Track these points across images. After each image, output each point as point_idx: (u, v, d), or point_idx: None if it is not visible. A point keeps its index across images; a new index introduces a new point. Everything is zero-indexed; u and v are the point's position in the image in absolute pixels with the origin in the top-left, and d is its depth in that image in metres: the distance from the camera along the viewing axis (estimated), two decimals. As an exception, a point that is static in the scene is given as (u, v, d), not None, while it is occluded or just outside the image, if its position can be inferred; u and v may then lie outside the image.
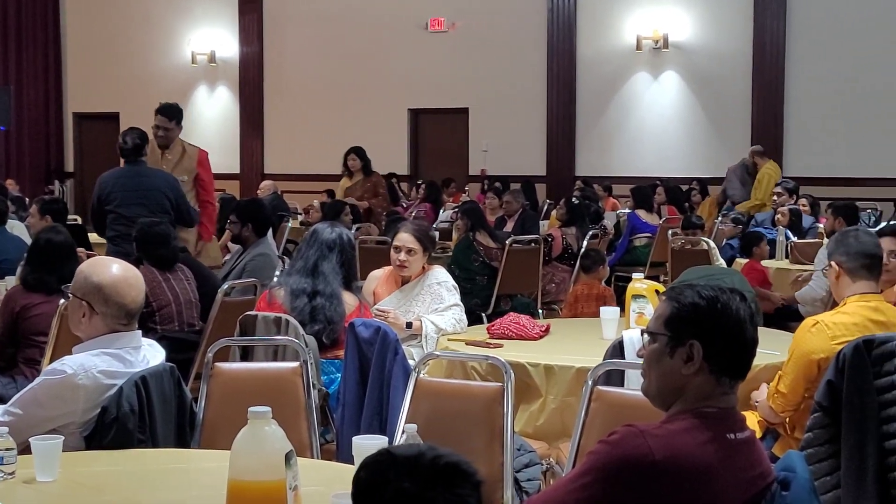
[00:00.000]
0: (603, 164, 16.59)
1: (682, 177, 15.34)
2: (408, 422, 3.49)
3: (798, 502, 2.30)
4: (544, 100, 17.02)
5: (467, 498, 1.86)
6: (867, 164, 14.94)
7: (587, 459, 2.36)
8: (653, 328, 2.49)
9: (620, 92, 16.72)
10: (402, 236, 5.42)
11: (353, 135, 17.95)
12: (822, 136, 15.29)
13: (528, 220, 10.48)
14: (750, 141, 15.43)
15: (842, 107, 15.16)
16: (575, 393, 4.23)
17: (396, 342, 4.35)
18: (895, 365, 3.84)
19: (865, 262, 4.18)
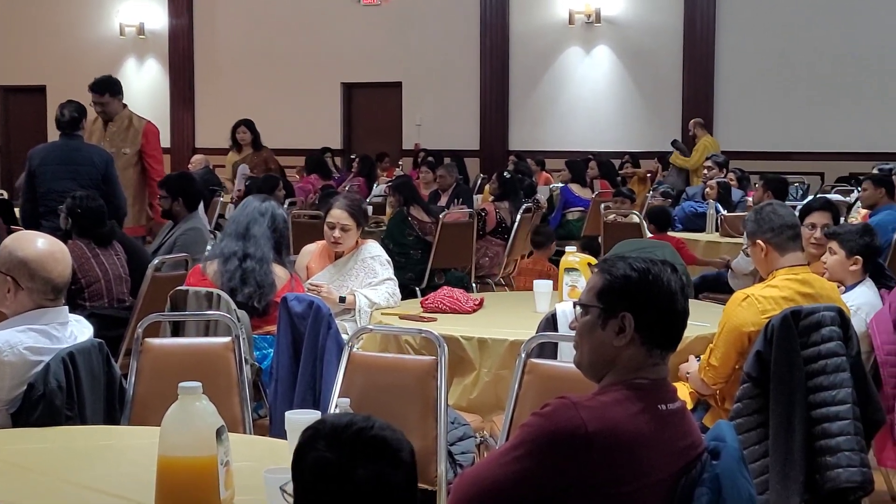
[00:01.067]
0: (536, 139, 16.64)
1: (614, 151, 15.44)
2: (341, 396, 3.48)
3: (727, 471, 2.32)
4: (477, 74, 17.01)
5: (388, 475, 1.85)
6: (795, 139, 15.15)
7: (520, 432, 2.36)
8: (585, 300, 2.50)
9: (553, 66, 16.76)
10: (335, 213, 5.39)
11: (285, 108, 17.85)
12: (752, 110, 15.47)
13: (463, 195, 10.48)
14: (681, 115, 15.58)
15: (771, 81, 15.34)
16: (508, 366, 4.24)
17: (329, 316, 4.33)
18: (822, 335, 3.91)
19: (790, 233, 4.23)
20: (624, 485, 2.29)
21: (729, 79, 15.66)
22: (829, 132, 15.00)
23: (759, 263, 4.36)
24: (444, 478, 3.46)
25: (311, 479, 1.85)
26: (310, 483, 1.86)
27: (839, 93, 14.99)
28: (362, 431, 1.86)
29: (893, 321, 4.59)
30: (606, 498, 2.28)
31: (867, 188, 8.31)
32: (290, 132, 17.67)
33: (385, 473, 1.84)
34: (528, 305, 5.17)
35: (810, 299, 4.14)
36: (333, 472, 1.83)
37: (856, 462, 3.78)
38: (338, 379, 3.63)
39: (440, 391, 3.52)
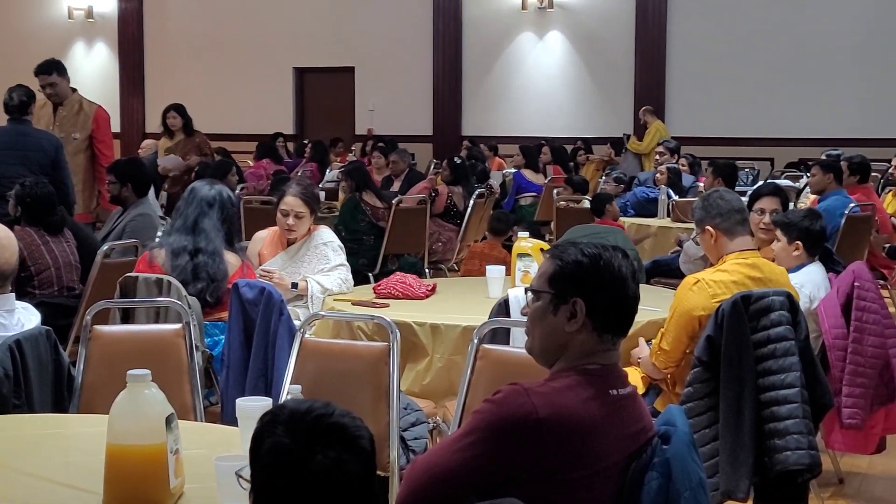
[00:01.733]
0: (489, 124, 16.66)
1: (567, 136, 15.49)
2: (293, 383, 3.46)
3: (678, 455, 2.33)
4: (430, 59, 16.99)
5: (347, 462, 1.84)
6: (746, 125, 15.28)
7: (472, 418, 2.36)
8: (536, 286, 2.50)
9: (506, 52, 16.77)
10: (289, 200, 5.34)
11: (236, 93, 17.74)
12: (703, 96, 15.58)
13: (415, 180, 10.46)
14: (633, 101, 15.66)
15: (722, 68, 15.45)
16: (461, 351, 4.25)
17: (281, 303, 4.31)
18: (771, 320, 3.95)
19: (738, 217, 4.28)
20: (575, 470, 2.29)
21: (680, 65, 15.76)
22: (778, 118, 15.14)
23: (708, 250, 4.39)
24: (397, 464, 3.46)
25: (269, 464, 1.84)
26: (268, 468, 1.84)
27: (789, 79, 15.13)
28: (322, 418, 1.85)
29: (841, 305, 4.65)
30: (558, 483, 2.29)
31: (816, 174, 8.39)
32: (242, 117, 17.57)
33: (344, 460, 1.83)
34: (481, 291, 5.18)
35: (760, 283, 4.18)
36: (292, 458, 1.82)
37: (804, 445, 3.82)
38: (289, 365, 3.62)
39: (392, 377, 3.52)
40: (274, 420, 1.87)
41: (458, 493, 2.29)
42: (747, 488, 3.85)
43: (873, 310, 4.64)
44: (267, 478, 1.84)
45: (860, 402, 4.53)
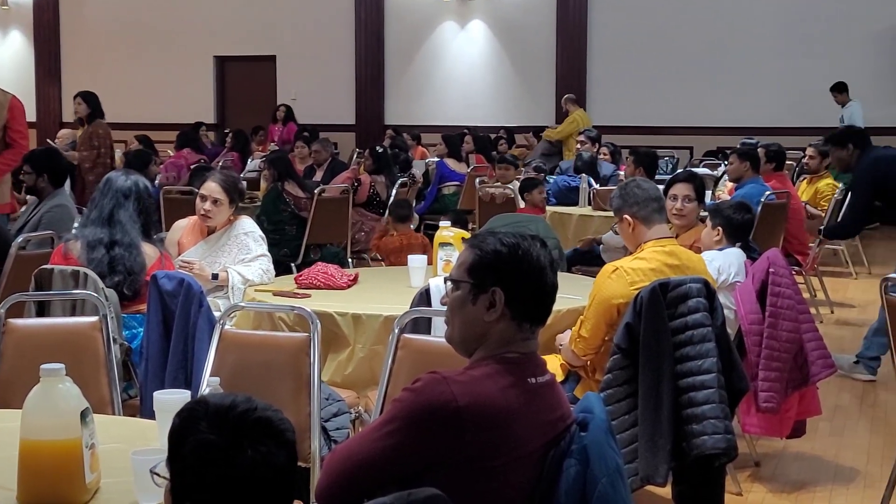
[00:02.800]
0: (412, 113, 16.65)
1: (489, 125, 15.54)
2: (213, 375, 3.43)
3: (595, 442, 2.36)
4: (353, 48, 16.93)
5: (273, 457, 1.83)
6: (666, 113, 15.47)
7: (391, 407, 2.36)
8: (455, 276, 2.51)
9: (428, 40, 16.77)
10: (208, 185, 5.32)
11: (156, 82, 17.51)
12: (624, 85, 15.73)
13: (338, 169, 10.42)
14: (555, 89, 15.75)
15: (642, 57, 15.61)
16: (383, 341, 4.24)
17: (201, 294, 4.26)
18: (688, 307, 4.00)
19: (655, 206, 4.34)
20: (494, 458, 2.31)
21: (601, 54, 15.89)
22: (697, 107, 15.34)
23: (626, 238, 4.45)
24: (318, 454, 3.45)
25: (194, 462, 1.81)
26: (193, 467, 1.82)
27: (708, 69, 15.33)
28: (247, 413, 1.84)
29: (757, 291, 4.73)
30: (477, 472, 2.30)
31: (733, 162, 8.52)
32: (162, 106, 17.36)
33: (272, 454, 1.82)
34: (403, 280, 5.18)
35: (677, 270, 4.23)
36: (219, 455, 1.80)
37: (720, 429, 3.88)
38: (209, 358, 3.59)
39: (313, 368, 3.51)
40: (194, 416, 1.85)
41: (377, 481, 2.29)
42: (666, 473, 3.90)
43: (787, 295, 4.73)
44: (192, 475, 1.82)
45: (775, 387, 4.62)
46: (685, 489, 4.12)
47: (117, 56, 17.67)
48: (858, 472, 5.09)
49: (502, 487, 2.34)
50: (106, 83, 17.35)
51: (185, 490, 1.83)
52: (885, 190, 6.70)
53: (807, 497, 4.77)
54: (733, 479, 4.71)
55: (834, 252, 10.68)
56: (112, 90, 17.64)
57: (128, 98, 17.53)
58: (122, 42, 17.67)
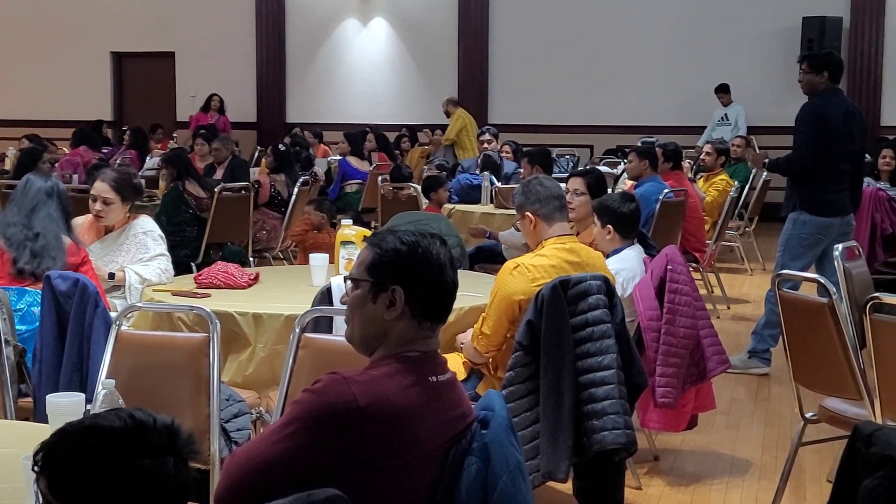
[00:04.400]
0: (314, 111, 16.56)
1: (391, 124, 15.52)
2: (109, 377, 3.37)
3: (496, 440, 2.37)
4: (254, 45, 16.78)
5: (191, 456, 1.84)
6: (567, 113, 15.61)
7: (291, 409, 2.34)
8: (355, 275, 2.49)
9: (330, 38, 16.69)
10: (97, 185, 5.24)
11: (50, 78, 17.14)
12: (525, 84, 15.84)
13: (238, 168, 10.31)
14: (457, 88, 15.80)
15: (543, 56, 15.74)
16: (284, 341, 4.20)
17: (97, 294, 4.18)
18: (589, 304, 4.05)
19: (556, 203, 4.38)
20: (396, 458, 2.30)
21: (503, 53, 15.98)
22: (597, 106, 15.52)
23: (528, 235, 4.48)
24: (218, 456, 3.41)
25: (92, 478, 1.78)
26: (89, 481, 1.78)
27: (607, 69, 15.52)
28: (155, 422, 1.82)
29: (655, 288, 4.80)
30: (379, 471, 2.30)
31: (632, 160, 8.64)
32: (58, 103, 17.00)
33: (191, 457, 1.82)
34: (305, 279, 5.15)
35: (577, 268, 4.28)
36: (151, 475, 1.78)
37: (620, 424, 3.94)
38: (105, 359, 3.52)
39: (213, 368, 3.46)
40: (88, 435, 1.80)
41: (278, 483, 2.27)
42: (567, 469, 3.94)
43: (685, 292, 4.81)
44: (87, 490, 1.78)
45: (673, 382, 4.70)
46: (586, 484, 4.17)
47: (10, 51, 17.25)
48: (753, 464, 5.20)
49: (404, 487, 2.33)
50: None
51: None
52: (822, 135, 6.51)
53: (704, 489, 4.86)
54: (633, 473, 4.77)
55: (730, 249, 10.90)
56: (5, 87, 17.25)
57: (22, 95, 17.12)
58: (15, 36, 17.25)
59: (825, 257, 6.48)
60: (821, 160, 6.52)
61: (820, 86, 6.63)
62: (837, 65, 6.73)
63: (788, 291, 4.55)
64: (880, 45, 14.80)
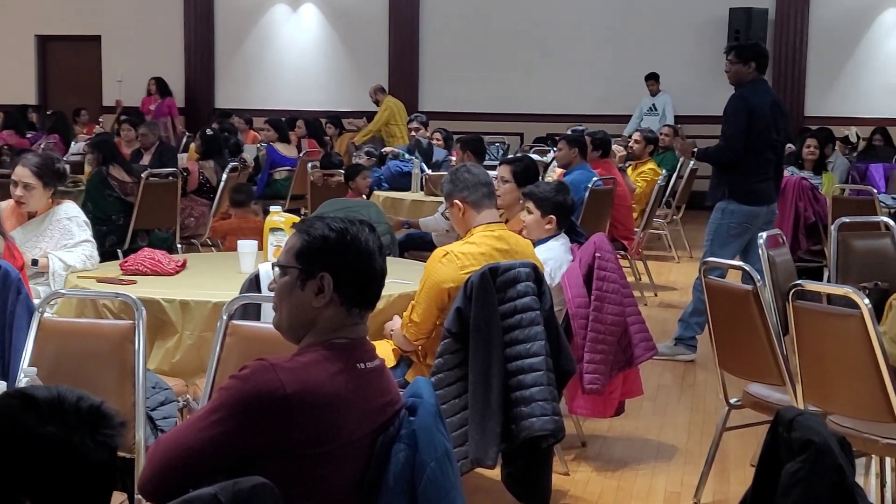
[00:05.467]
0: (243, 97, 16.41)
1: (322, 110, 15.44)
2: (31, 365, 3.32)
3: (424, 426, 2.37)
4: (182, 30, 16.58)
5: (112, 439, 1.80)
6: (497, 100, 15.64)
7: (218, 395, 2.32)
8: (283, 261, 2.47)
9: (260, 24, 16.55)
10: (18, 170, 5.16)
11: (-28, 61, 16.78)
12: (456, 71, 15.84)
13: (166, 153, 10.19)
14: (388, 75, 15.75)
15: (473, 44, 15.75)
16: (212, 328, 4.15)
17: (19, 281, 4.10)
18: (517, 291, 4.06)
19: (485, 190, 4.39)
20: (324, 445, 2.29)
21: (434, 41, 15.96)
22: (528, 95, 15.58)
23: (457, 223, 4.48)
24: (143, 444, 3.37)
25: (25, 456, 1.75)
26: (25, 461, 1.75)
27: (537, 57, 15.58)
28: (79, 402, 1.79)
29: (584, 276, 4.83)
30: (306, 459, 2.28)
31: (562, 148, 8.68)
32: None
33: (110, 436, 1.79)
34: (233, 266, 5.10)
35: (506, 255, 4.29)
36: (61, 448, 1.75)
37: (548, 411, 3.96)
38: (27, 347, 3.46)
39: (138, 356, 3.42)
40: (24, 413, 1.77)
41: (203, 471, 2.25)
42: (495, 455, 3.96)
43: (613, 279, 4.85)
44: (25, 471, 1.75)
45: (601, 368, 4.74)
46: (514, 471, 4.20)
47: (-70, 33, 16.89)
48: (679, 449, 5.27)
49: (331, 474, 2.33)
50: (-83, 61, 16.62)
51: (17, 485, 1.76)
52: (750, 124, 6.59)
53: (630, 474, 4.91)
54: (561, 459, 4.81)
55: (658, 237, 11.01)
56: (-75, 68, 16.87)
57: (-58, 77, 16.78)
58: (-65, 18, 16.89)
59: (751, 245, 6.58)
60: (749, 150, 6.61)
61: (747, 76, 6.72)
62: (764, 55, 6.83)
63: (714, 279, 4.61)
64: (805, 36, 15.04)
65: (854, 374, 3.73)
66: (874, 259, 5.43)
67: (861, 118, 14.48)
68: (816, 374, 3.91)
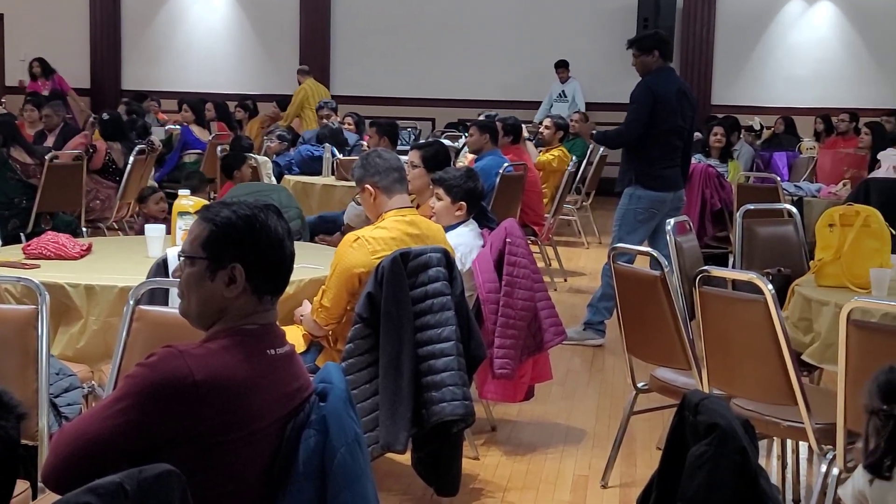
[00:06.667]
0: (151, 78, 16.16)
1: (231, 93, 15.27)
2: (-71, 351, 3.23)
3: (334, 412, 2.36)
4: (87, 8, 16.27)
5: (10, 430, 1.75)
6: (409, 85, 15.63)
7: (124, 383, 2.28)
8: (189, 251, 2.42)
9: (168, 4, 16.30)
10: None
11: None
12: (368, 56, 15.79)
13: (70, 134, 9.97)
14: (298, 59, 15.62)
15: (385, 28, 15.71)
16: (118, 313, 4.07)
17: (-83, 266, 4.00)
18: (429, 276, 4.07)
19: (396, 175, 4.38)
20: (232, 432, 2.27)
21: (345, 24, 15.88)
22: (440, 80, 15.58)
23: (368, 208, 4.47)
24: (46, 432, 3.30)
25: None
26: None
27: (449, 42, 15.59)
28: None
29: (494, 261, 4.85)
30: (215, 446, 2.26)
31: (473, 134, 8.70)
32: None
33: (7, 428, 1.74)
34: (140, 251, 5.02)
35: (418, 240, 4.29)
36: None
37: (459, 396, 3.98)
38: (-78, 334, 3.37)
39: (41, 341, 3.35)
40: None
41: (109, 460, 2.20)
42: (406, 440, 3.96)
43: (523, 265, 4.88)
44: None
45: (511, 353, 4.77)
46: (424, 455, 4.21)
47: None
48: (587, 433, 5.33)
49: (240, 461, 2.31)
50: None
51: None
52: (655, 111, 6.70)
53: (540, 458, 4.95)
54: (471, 444, 4.83)
55: (568, 223, 11.11)
56: None
57: None
58: None
59: (658, 232, 6.67)
60: (654, 136, 6.70)
61: (653, 65, 6.81)
62: (665, 42, 6.93)
63: (623, 264, 4.67)
64: (712, 25, 15.28)
65: (757, 359, 3.80)
66: (777, 245, 5.54)
67: (766, 107, 14.77)
68: (721, 358, 3.98)
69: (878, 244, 4.40)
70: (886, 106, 14.35)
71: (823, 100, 14.83)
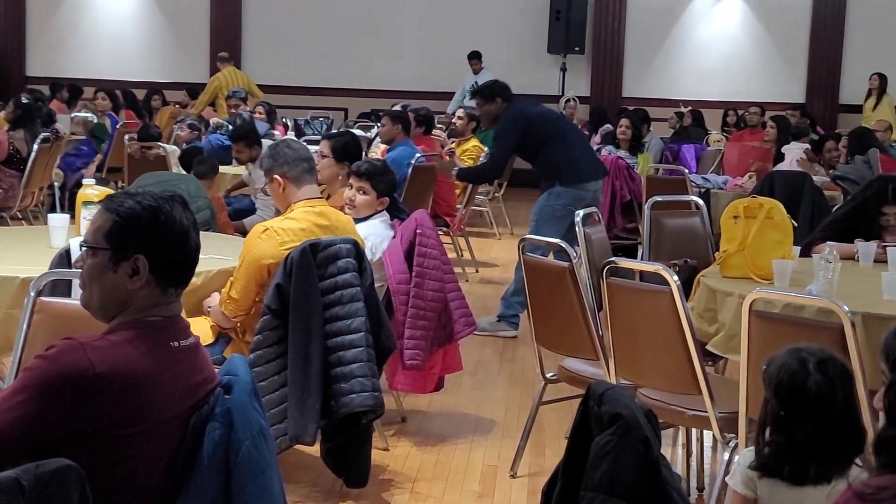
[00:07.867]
0: (57, 65, 15.87)
1: (140, 81, 15.05)
2: None
3: (239, 404, 2.34)
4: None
5: None
6: (322, 75, 15.55)
7: (23, 376, 2.24)
8: (92, 242, 2.37)
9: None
10: None
11: None
12: (280, 45, 15.68)
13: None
14: (209, 46, 15.45)
15: (299, 18, 15.61)
16: (19, 305, 4.00)
17: None
18: (338, 267, 4.05)
19: (305, 166, 4.36)
20: (134, 425, 2.24)
21: (257, 11, 15.74)
22: (352, 70, 15.54)
23: (278, 198, 4.44)
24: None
25: None
26: None
27: (362, 32, 15.55)
28: None
29: (405, 252, 4.85)
30: (116, 439, 2.22)
31: (386, 124, 8.70)
32: None
33: None
34: (42, 241, 4.92)
35: (327, 231, 4.27)
36: None
37: (368, 387, 3.97)
38: None
39: (-61, 334, 3.27)
40: None
41: (6, 454, 2.15)
42: (315, 432, 3.95)
43: (434, 255, 4.88)
44: None
45: (421, 344, 4.77)
46: (333, 447, 4.20)
47: None
48: (497, 423, 5.36)
49: (143, 454, 2.28)
50: None
51: None
52: (527, 142, 6.88)
53: (449, 448, 4.97)
54: (380, 434, 4.82)
55: (480, 213, 11.15)
56: None
57: None
58: None
59: (571, 227, 6.73)
60: (544, 148, 6.83)
61: (499, 111, 6.98)
62: (504, 87, 7.12)
63: (532, 255, 4.70)
64: (623, 17, 15.44)
65: (663, 349, 3.86)
66: (684, 237, 5.62)
67: (675, 100, 14.97)
68: (628, 348, 4.03)
69: (780, 236, 4.49)
70: (792, 100, 14.65)
71: (731, 93, 15.10)
